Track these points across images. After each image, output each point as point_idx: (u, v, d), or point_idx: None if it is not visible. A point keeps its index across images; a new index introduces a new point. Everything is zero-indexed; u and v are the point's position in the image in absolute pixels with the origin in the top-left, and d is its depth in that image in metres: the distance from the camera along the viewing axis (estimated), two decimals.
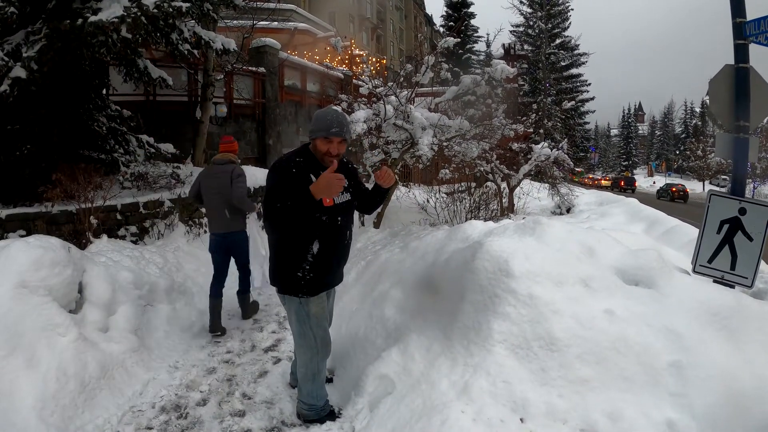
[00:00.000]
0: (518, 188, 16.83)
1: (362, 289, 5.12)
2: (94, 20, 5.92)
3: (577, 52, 47.35)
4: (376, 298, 4.53)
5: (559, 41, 46.46)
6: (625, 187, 53.24)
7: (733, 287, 3.77)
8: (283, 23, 22.41)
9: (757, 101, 4.03)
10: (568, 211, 18.33)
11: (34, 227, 6.01)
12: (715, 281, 3.84)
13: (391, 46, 51.46)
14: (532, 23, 45.82)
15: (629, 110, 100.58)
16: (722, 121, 4.23)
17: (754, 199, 4.00)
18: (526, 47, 45.51)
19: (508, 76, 8.86)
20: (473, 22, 47.59)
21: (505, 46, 43.37)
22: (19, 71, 5.89)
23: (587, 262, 3.52)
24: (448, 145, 10.21)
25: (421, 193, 12.13)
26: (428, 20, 64.80)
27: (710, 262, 3.95)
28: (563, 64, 47.09)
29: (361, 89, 9.90)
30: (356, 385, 3.57)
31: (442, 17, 48.55)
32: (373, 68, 10.08)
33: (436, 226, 8.97)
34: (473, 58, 47.18)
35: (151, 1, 6.21)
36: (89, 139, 7.93)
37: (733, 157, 4.15)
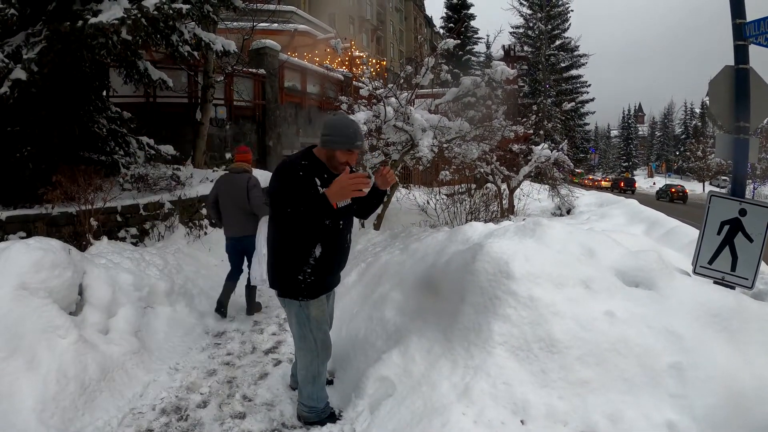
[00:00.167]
0: (518, 189, 16.82)
1: (362, 290, 5.11)
2: (94, 22, 5.93)
3: (576, 53, 47.35)
4: (376, 300, 4.53)
5: (558, 42, 46.47)
6: (624, 188, 53.24)
7: (733, 288, 3.77)
8: (283, 25, 22.42)
9: (757, 102, 4.03)
10: (568, 212, 18.32)
11: (34, 229, 6.03)
12: (715, 282, 3.84)
13: (391, 47, 51.50)
14: (531, 24, 45.84)
15: (629, 111, 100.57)
16: (722, 122, 4.23)
17: (754, 200, 4.00)
18: (525, 48, 45.57)
19: (508, 77, 8.86)
20: (473, 23, 47.75)
21: (505, 47, 43.40)
22: (19, 73, 5.90)
23: (587, 263, 3.52)
24: (448, 146, 10.21)
25: (421, 194, 12.12)
26: (428, 22, 64.85)
27: (711, 263, 3.96)
28: (563, 65, 47.09)
29: (361, 91, 9.90)
30: (357, 387, 3.56)
31: (441, 19, 48.73)
32: (373, 70, 10.06)
33: (436, 227, 8.96)
34: (473, 59, 47.28)
35: (151, 2, 6.22)
36: (89, 140, 7.93)
37: (733, 158, 4.15)
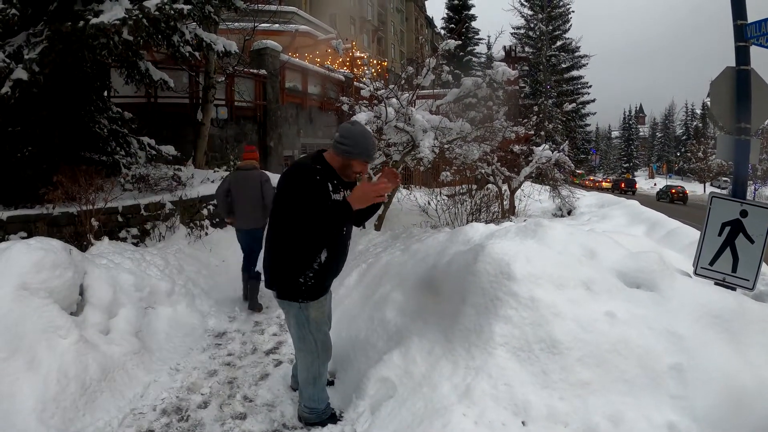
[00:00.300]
0: (519, 190, 16.83)
1: (363, 291, 5.11)
2: (95, 22, 5.92)
3: (577, 54, 47.36)
4: (377, 300, 4.53)
5: (559, 43, 46.48)
6: (625, 189, 53.18)
7: (734, 290, 3.76)
8: (284, 25, 22.42)
9: (758, 103, 4.03)
10: (569, 213, 18.34)
11: (35, 229, 6.03)
12: (716, 283, 3.84)
13: (392, 48, 51.49)
14: (532, 25, 45.85)
15: (630, 112, 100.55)
16: (723, 123, 4.23)
17: (755, 201, 4.00)
18: (527, 49, 45.62)
19: (509, 78, 8.86)
20: (474, 24, 47.79)
21: (506, 48, 43.53)
22: (20, 73, 5.90)
23: (588, 264, 3.52)
24: (449, 147, 10.21)
25: (422, 195, 12.12)
26: (429, 22, 64.85)
27: (712, 264, 3.95)
28: (564, 66, 47.09)
29: (362, 91, 9.91)
30: (358, 387, 3.56)
31: (443, 19, 48.85)
32: (374, 70, 10.07)
33: (437, 228, 8.97)
34: (474, 60, 47.34)
35: (152, 3, 6.22)
36: (90, 141, 7.94)
37: (734, 159, 4.15)
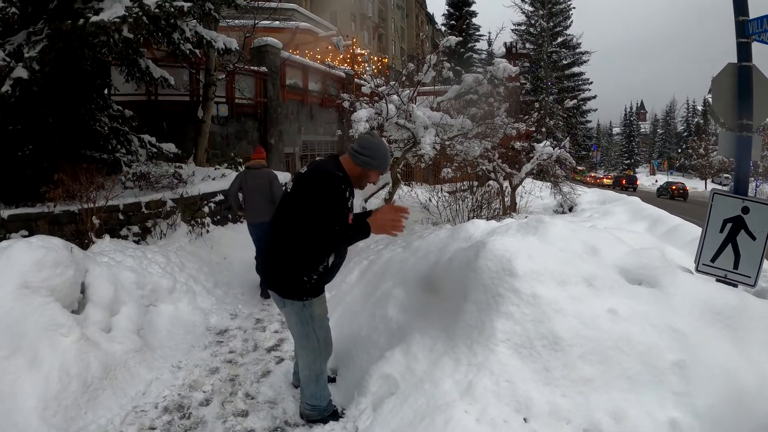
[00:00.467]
0: (520, 187, 16.81)
1: (365, 288, 5.11)
2: (95, 20, 5.91)
3: (578, 50, 47.29)
4: (378, 297, 4.52)
5: (560, 39, 46.41)
6: (626, 185, 53.19)
7: (736, 286, 3.76)
8: (284, 22, 22.42)
9: (760, 100, 4.02)
10: (570, 209, 18.32)
11: (36, 227, 6.02)
12: (718, 280, 3.84)
13: (392, 45, 51.43)
14: (533, 22, 45.76)
15: (631, 108, 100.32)
16: (725, 119, 4.21)
17: (757, 198, 3.99)
18: (527, 46, 45.51)
19: (510, 74, 8.85)
20: (475, 20, 47.65)
21: (506, 44, 43.43)
22: (20, 72, 5.89)
23: (590, 261, 3.51)
24: (450, 144, 10.19)
25: (423, 192, 12.12)
26: (430, 19, 64.74)
27: (713, 261, 3.95)
28: (565, 62, 47.02)
29: (363, 88, 9.90)
30: (359, 384, 3.56)
31: (443, 16, 48.69)
32: (375, 67, 10.06)
33: (438, 225, 8.97)
34: (475, 56, 47.23)
35: (152, 0, 6.20)
36: (91, 139, 7.93)
37: (736, 155, 4.14)
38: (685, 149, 79.30)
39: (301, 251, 3.12)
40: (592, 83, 48.51)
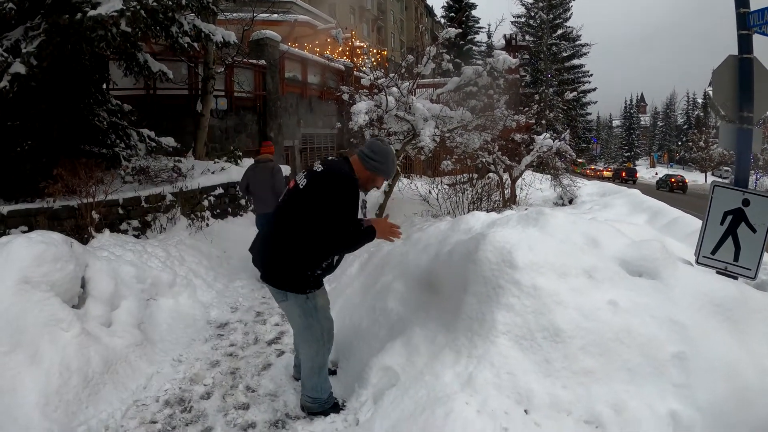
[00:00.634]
0: (520, 179, 16.82)
1: (365, 281, 5.11)
2: (93, 14, 5.88)
3: (578, 42, 47.20)
4: (379, 290, 4.53)
5: (560, 32, 46.36)
6: (626, 178, 53.14)
7: (736, 279, 3.75)
8: (283, 15, 22.30)
9: (761, 92, 4.00)
10: (570, 202, 18.33)
11: (35, 223, 6.02)
12: (718, 272, 3.83)
13: (391, 37, 51.27)
14: (533, 14, 45.70)
15: (631, 101, 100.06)
16: (726, 112, 4.19)
17: (757, 190, 3.98)
18: (527, 38, 45.41)
19: (510, 66, 8.83)
20: (474, 13, 47.46)
21: (506, 37, 43.24)
22: (18, 67, 5.86)
23: (591, 253, 3.50)
24: (450, 136, 10.19)
25: (423, 184, 12.11)
26: (429, 11, 64.51)
27: (713, 253, 3.94)
28: (565, 54, 46.99)
29: (362, 80, 9.88)
30: (360, 377, 3.57)
31: (442, 8, 48.46)
32: (374, 60, 10.03)
33: (438, 217, 8.96)
34: (474, 49, 47.10)
35: None
36: (90, 133, 7.91)
37: (736, 148, 4.12)
38: (685, 142, 79.13)
39: (308, 247, 3.14)
40: (591, 75, 48.53)
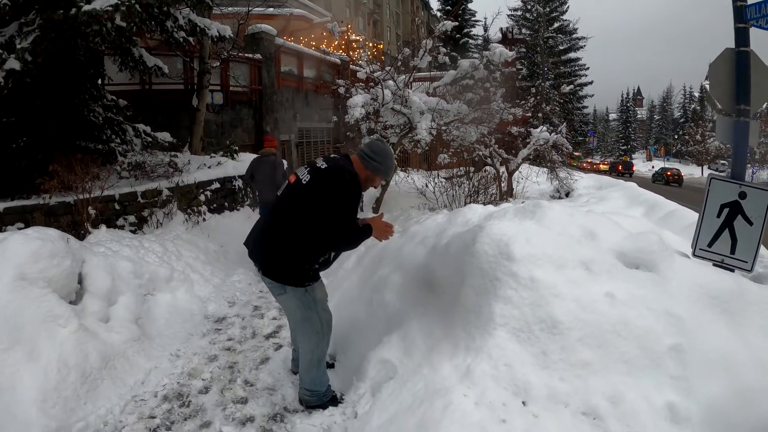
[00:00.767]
0: (517, 172, 16.82)
1: (362, 274, 5.12)
2: (87, 9, 5.84)
3: (575, 35, 47.08)
4: (376, 283, 4.53)
5: (557, 25, 46.20)
6: (622, 171, 53.09)
7: (732, 271, 3.76)
8: (278, 9, 22.19)
9: (757, 85, 4.00)
10: (567, 195, 18.34)
11: (32, 219, 5.99)
12: (714, 265, 3.84)
13: (387, 30, 51.08)
14: (530, 7, 45.52)
15: (628, 94, 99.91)
16: (723, 105, 4.19)
17: (754, 183, 3.98)
18: (524, 31, 45.34)
19: (506, 59, 8.84)
20: (470, 6, 47.19)
21: (502, 30, 43.22)
22: (13, 63, 5.82)
23: (588, 245, 3.51)
24: (446, 129, 10.19)
25: (419, 177, 12.12)
26: (425, 4, 64.21)
27: (710, 245, 3.95)
28: (561, 47, 46.84)
29: (358, 73, 9.86)
30: (358, 370, 3.58)
31: (438, 1, 48.17)
32: (370, 53, 10.01)
33: (435, 210, 8.97)
34: (471, 42, 46.90)
35: None
36: (85, 129, 7.87)
37: (733, 141, 4.12)
38: (681, 135, 79.01)
39: (308, 242, 3.18)
40: (588, 69, 48.47)
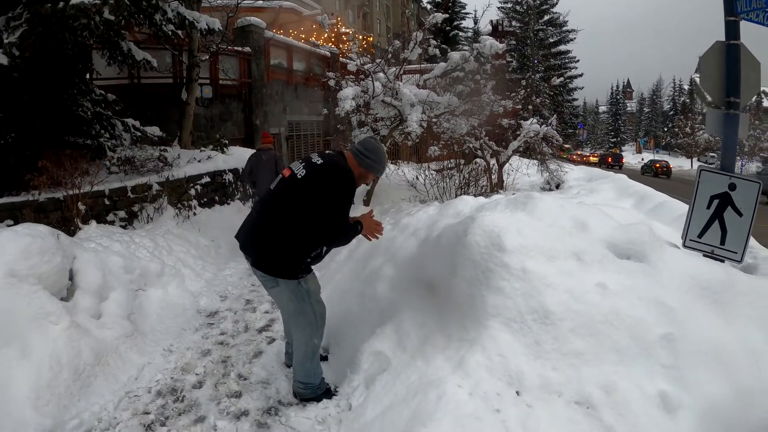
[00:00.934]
0: (507, 164, 16.85)
1: (354, 267, 5.12)
2: (75, 2, 5.77)
3: (565, 28, 47.16)
4: (368, 275, 4.53)
5: (547, 17, 46.26)
6: (612, 163, 53.38)
7: (722, 262, 3.80)
8: (268, 2, 22.07)
9: (747, 78, 4.02)
10: (557, 187, 18.40)
11: (21, 216, 5.93)
12: (705, 255, 3.87)
13: (377, 23, 50.84)
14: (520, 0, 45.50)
15: (617, 87, 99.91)
16: (713, 97, 4.21)
17: (743, 174, 4.01)
18: (514, 24, 45.41)
19: (497, 51, 8.86)
20: None
21: (493, 22, 43.27)
22: (0, 58, 5.76)
23: (579, 236, 3.52)
24: (436, 121, 10.19)
25: (410, 170, 12.11)
26: None
27: (700, 236, 3.98)
28: (551, 40, 46.93)
29: (348, 66, 9.84)
30: (351, 362, 3.58)
31: None
32: (359, 46, 9.99)
33: (426, 202, 8.98)
34: (461, 35, 46.85)
35: None
36: (74, 124, 7.81)
37: (723, 133, 4.14)
38: (671, 128, 79.32)
39: (301, 236, 3.20)
40: (578, 61, 48.62)
